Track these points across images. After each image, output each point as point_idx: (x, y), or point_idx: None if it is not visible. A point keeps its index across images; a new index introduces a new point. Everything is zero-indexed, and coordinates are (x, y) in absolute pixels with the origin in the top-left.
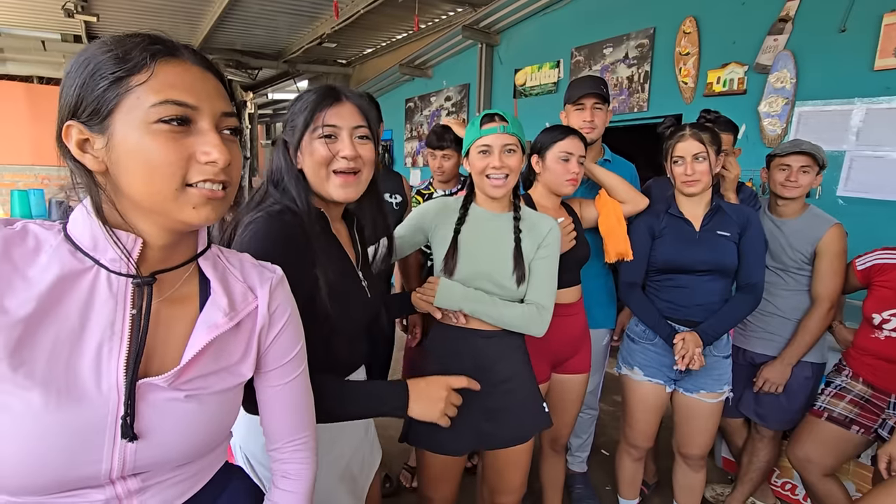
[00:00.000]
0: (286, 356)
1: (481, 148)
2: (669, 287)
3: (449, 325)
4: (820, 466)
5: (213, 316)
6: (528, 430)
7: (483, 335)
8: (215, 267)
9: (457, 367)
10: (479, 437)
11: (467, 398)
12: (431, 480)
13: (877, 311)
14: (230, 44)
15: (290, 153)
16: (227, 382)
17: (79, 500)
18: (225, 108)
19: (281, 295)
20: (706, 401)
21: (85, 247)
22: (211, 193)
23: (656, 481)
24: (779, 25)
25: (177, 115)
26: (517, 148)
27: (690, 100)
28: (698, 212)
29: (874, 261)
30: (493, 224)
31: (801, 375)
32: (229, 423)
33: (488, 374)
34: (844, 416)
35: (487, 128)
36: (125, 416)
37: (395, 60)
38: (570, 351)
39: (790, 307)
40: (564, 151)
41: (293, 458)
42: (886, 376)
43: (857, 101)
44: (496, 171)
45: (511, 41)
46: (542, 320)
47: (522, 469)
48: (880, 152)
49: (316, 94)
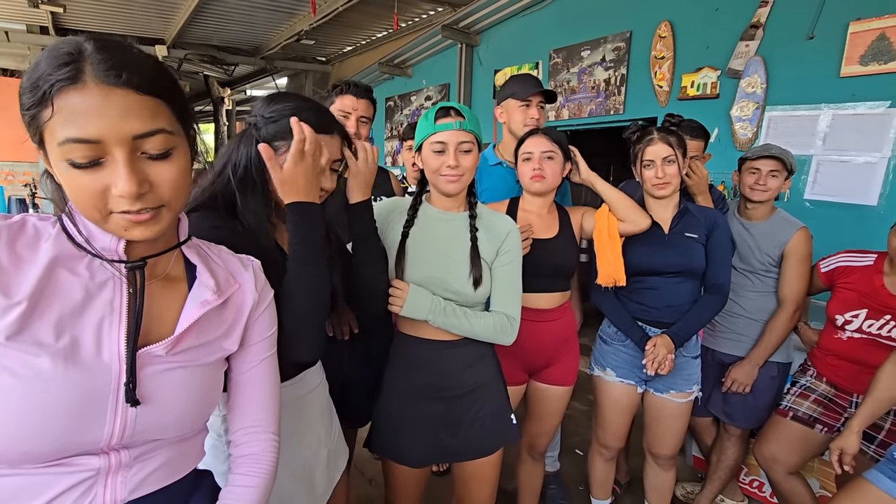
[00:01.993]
0: (266, 332)
1: (435, 145)
2: (640, 289)
3: (409, 334)
4: (785, 465)
5: (203, 294)
6: (493, 444)
7: (445, 345)
8: (198, 254)
9: (416, 377)
10: (441, 449)
11: (424, 410)
12: (394, 489)
13: (840, 312)
14: (206, 39)
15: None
16: (213, 355)
17: (72, 468)
18: (140, 128)
19: (263, 277)
20: (676, 401)
21: (79, 239)
22: (136, 218)
23: (628, 480)
24: (750, 31)
25: (82, 157)
26: (474, 146)
27: (665, 103)
28: (667, 215)
29: (837, 263)
30: (447, 224)
31: (767, 375)
32: (215, 399)
33: (450, 384)
34: (808, 415)
35: (442, 123)
36: (128, 383)
37: (374, 59)
38: (547, 357)
39: (757, 308)
40: (525, 152)
41: (255, 440)
42: (848, 376)
43: (824, 106)
44: (451, 170)
45: (491, 42)
46: (512, 330)
47: (490, 483)
48: (845, 157)
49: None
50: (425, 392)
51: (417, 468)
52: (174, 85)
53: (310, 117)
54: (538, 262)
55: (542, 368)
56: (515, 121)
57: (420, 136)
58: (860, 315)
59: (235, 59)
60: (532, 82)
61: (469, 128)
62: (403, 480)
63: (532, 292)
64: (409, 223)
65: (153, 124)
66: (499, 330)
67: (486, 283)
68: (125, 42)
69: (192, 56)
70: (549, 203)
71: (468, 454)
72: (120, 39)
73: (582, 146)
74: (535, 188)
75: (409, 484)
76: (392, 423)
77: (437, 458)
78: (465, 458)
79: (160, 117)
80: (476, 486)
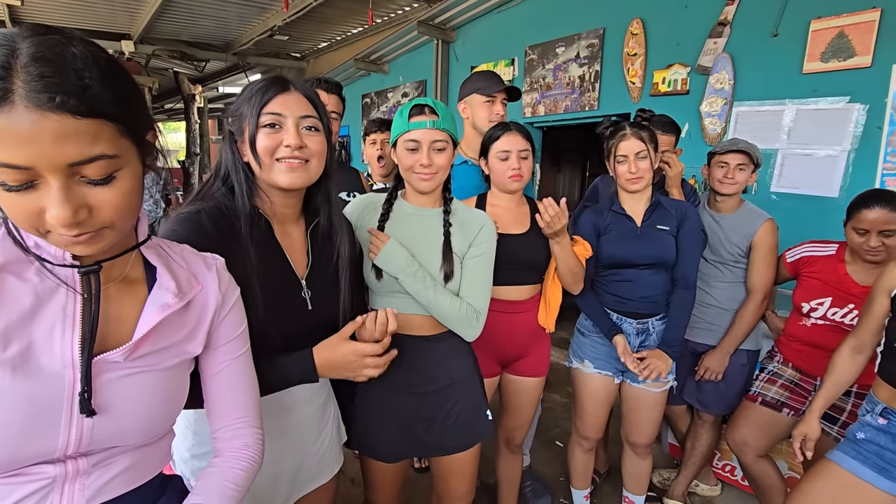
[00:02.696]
0: (234, 332)
1: (408, 144)
2: (615, 281)
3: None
4: (755, 448)
5: (163, 297)
6: (468, 440)
7: (421, 340)
8: (158, 255)
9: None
10: (416, 445)
11: (399, 405)
12: (372, 485)
13: (805, 300)
14: (175, 34)
15: (237, 145)
16: (176, 359)
17: (27, 478)
18: (76, 156)
19: (227, 276)
20: (651, 390)
21: (29, 244)
22: (74, 239)
23: (607, 469)
24: (718, 29)
25: (13, 181)
26: (448, 145)
27: (638, 99)
28: (639, 208)
29: (802, 253)
30: (422, 220)
31: (737, 363)
32: (179, 404)
33: (425, 380)
34: (776, 399)
35: (416, 121)
36: (83, 392)
37: (350, 55)
38: (517, 350)
39: (727, 298)
40: (501, 150)
41: (238, 435)
42: (813, 361)
43: (788, 102)
44: (424, 169)
45: (467, 38)
46: (477, 324)
47: (468, 476)
48: (808, 150)
49: (262, 83)
50: (400, 388)
51: (392, 463)
52: (125, 94)
53: (265, 87)
54: (509, 257)
55: (514, 360)
56: (480, 116)
57: (395, 134)
58: (825, 303)
59: (206, 55)
60: (496, 79)
61: (443, 126)
62: (381, 476)
63: (504, 285)
64: (384, 218)
65: (92, 150)
66: (463, 316)
67: (457, 277)
68: (71, 39)
69: (161, 52)
70: (517, 198)
71: (443, 449)
72: (66, 35)
73: (558, 142)
74: (513, 187)
75: (387, 480)
76: (367, 418)
77: (412, 452)
78: (440, 453)
79: (101, 141)
80: (454, 482)
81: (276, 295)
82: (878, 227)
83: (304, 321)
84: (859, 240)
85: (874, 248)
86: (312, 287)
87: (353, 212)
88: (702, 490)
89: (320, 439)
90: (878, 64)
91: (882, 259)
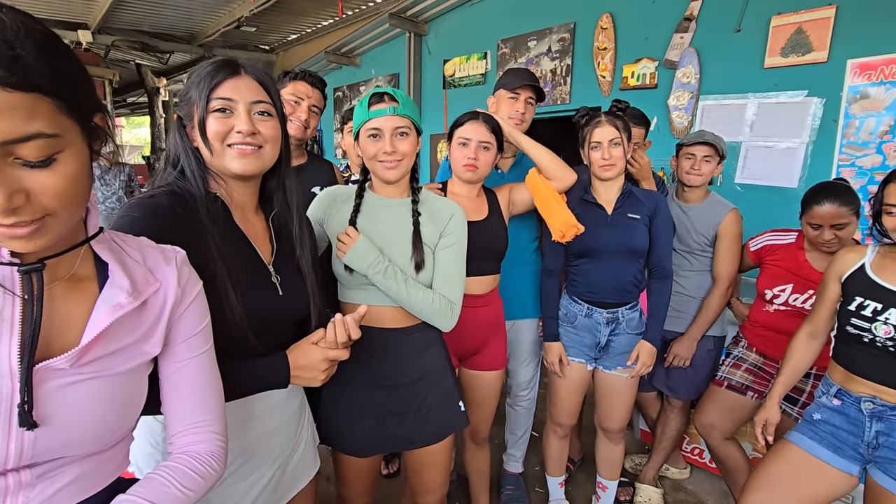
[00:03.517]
0: (195, 328)
1: (370, 131)
2: (585, 270)
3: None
4: (721, 431)
5: (115, 296)
6: (441, 432)
7: (392, 333)
8: (111, 250)
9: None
10: (388, 439)
11: (370, 399)
12: (344, 480)
13: (768, 287)
14: (136, 24)
15: (186, 130)
16: (131, 362)
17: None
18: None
19: (188, 271)
20: (623, 377)
21: None
22: (10, 232)
23: (581, 457)
24: (684, 24)
25: None
26: (410, 130)
27: (608, 93)
28: (611, 196)
29: (765, 242)
30: (390, 211)
31: (704, 349)
32: (135, 409)
33: (396, 373)
34: (741, 383)
35: (376, 109)
36: (22, 404)
37: (321, 47)
38: (476, 344)
39: (694, 286)
40: (462, 137)
41: (196, 441)
42: (775, 345)
43: (751, 95)
44: (388, 156)
45: (439, 31)
46: (452, 314)
47: (442, 468)
48: (770, 143)
49: (211, 66)
50: (370, 381)
51: (363, 457)
52: (64, 69)
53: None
54: (470, 245)
55: (472, 354)
56: (502, 111)
57: (356, 124)
58: (787, 289)
59: (170, 46)
60: (523, 74)
61: (404, 112)
62: (353, 471)
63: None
64: (356, 212)
65: (26, 128)
66: (437, 308)
67: (428, 267)
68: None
69: (121, 43)
70: (478, 188)
71: (415, 443)
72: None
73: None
74: (466, 177)
75: (360, 474)
76: (337, 413)
77: (384, 447)
78: (413, 446)
79: (38, 118)
80: (427, 474)
81: (245, 279)
82: (830, 222)
83: (274, 308)
84: (813, 233)
85: (827, 242)
86: (281, 273)
87: (318, 206)
88: (672, 473)
89: (298, 445)
90: (834, 59)
91: (836, 250)
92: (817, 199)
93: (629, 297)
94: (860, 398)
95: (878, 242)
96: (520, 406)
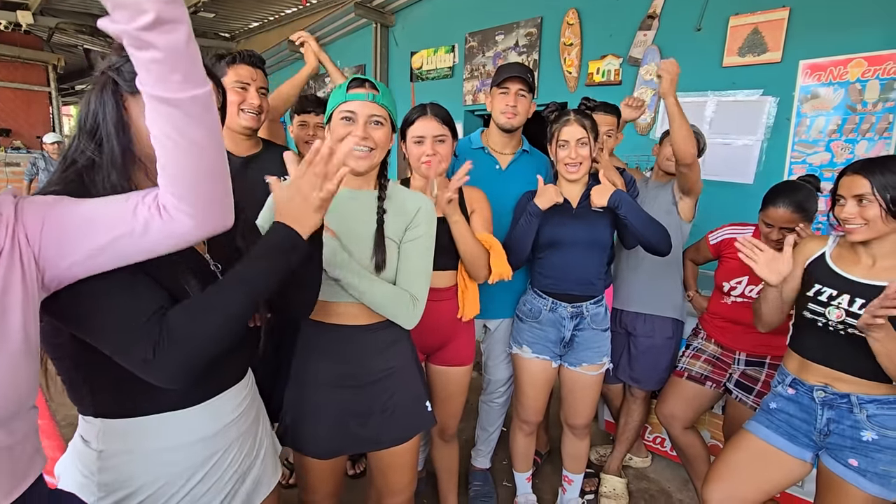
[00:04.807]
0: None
1: (344, 114)
2: (551, 262)
3: (317, 320)
4: (682, 420)
5: None
6: (407, 432)
7: (355, 330)
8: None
9: (323, 366)
10: (351, 439)
11: (335, 398)
12: (308, 483)
13: (726, 279)
14: (83, 6)
15: (122, 97)
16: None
17: None
18: None
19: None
20: (588, 373)
21: None
22: None
23: (548, 450)
24: (647, 22)
25: None
26: (386, 122)
27: (574, 88)
28: (575, 191)
29: (724, 235)
30: (354, 204)
31: (663, 336)
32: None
33: (359, 372)
34: (700, 374)
35: (354, 92)
36: None
37: (283, 36)
38: (441, 339)
39: (657, 268)
40: (415, 136)
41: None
42: (733, 336)
43: (710, 94)
44: (359, 143)
45: (406, 23)
46: (414, 311)
47: (408, 468)
48: (728, 140)
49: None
50: (333, 380)
51: (326, 459)
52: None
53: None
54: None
55: (437, 349)
56: (495, 108)
57: (330, 107)
58: (743, 281)
59: None
60: (512, 67)
61: (382, 102)
62: (317, 474)
63: None
64: None
65: None
66: (398, 303)
67: (391, 265)
68: None
69: (66, 26)
70: (441, 181)
71: (380, 443)
72: None
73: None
74: (424, 172)
75: (324, 477)
76: (299, 413)
77: (348, 448)
78: (377, 447)
79: None
80: (393, 475)
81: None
82: (780, 224)
83: None
84: (765, 230)
85: (775, 241)
86: (220, 261)
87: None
88: (634, 462)
89: (257, 458)
90: (787, 59)
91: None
92: (774, 201)
93: (593, 290)
94: (813, 387)
95: (839, 235)
96: (494, 403)
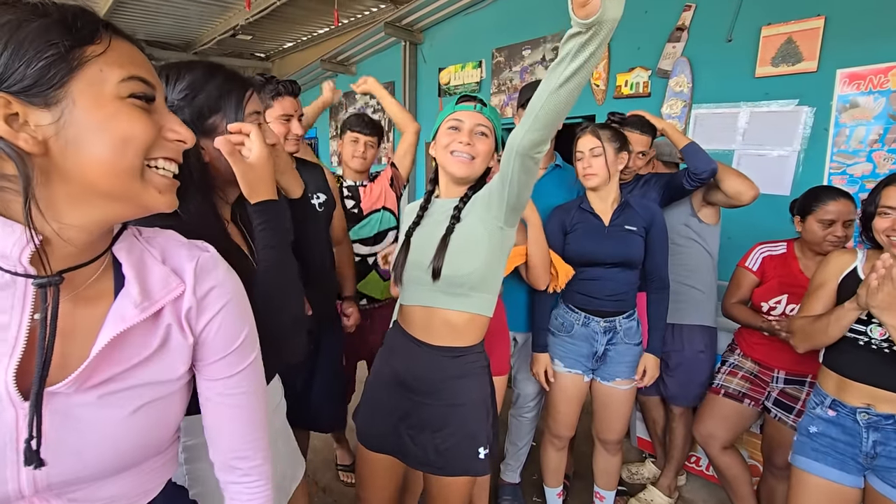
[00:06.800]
0: (227, 348)
1: (452, 122)
2: (582, 280)
3: (399, 327)
4: (720, 440)
5: (123, 308)
6: (450, 468)
7: (430, 349)
8: (130, 251)
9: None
10: (401, 444)
11: (395, 400)
12: (362, 479)
13: (764, 300)
14: (131, 32)
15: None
16: (150, 378)
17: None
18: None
19: (213, 276)
20: (621, 388)
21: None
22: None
23: (573, 471)
24: (676, 34)
25: (145, 93)
26: (490, 134)
27: (602, 101)
28: (607, 207)
29: (761, 255)
30: (444, 210)
31: (695, 350)
32: (166, 427)
33: (423, 389)
34: (738, 391)
35: (463, 104)
36: (29, 440)
37: (316, 55)
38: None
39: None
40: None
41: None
42: (771, 354)
43: (743, 104)
44: (462, 147)
45: (434, 40)
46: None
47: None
48: (762, 151)
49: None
50: (397, 384)
51: (374, 452)
52: None
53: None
54: None
55: None
56: None
57: (439, 121)
58: (782, 300)
59: (165, 54)
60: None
61: (488, 114)
62: (369, 467)
63: None
64: (416, 223)
65: None
66: None
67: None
68: None
69: None
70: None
71: (421, 464)
72: None
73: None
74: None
75: (375, 474)
76: (364, 401)
77: (397, 451)
78: (417, 466)
79: None
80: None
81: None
82: (844, 217)
83: None
84: (823, 231)
85: (840, 238)
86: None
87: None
88: None
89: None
90: (824, 68)
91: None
92: (830, 195)
93: (625, 306)
94: (856, 409)
95: (868, 247)
96: (524, 417)
